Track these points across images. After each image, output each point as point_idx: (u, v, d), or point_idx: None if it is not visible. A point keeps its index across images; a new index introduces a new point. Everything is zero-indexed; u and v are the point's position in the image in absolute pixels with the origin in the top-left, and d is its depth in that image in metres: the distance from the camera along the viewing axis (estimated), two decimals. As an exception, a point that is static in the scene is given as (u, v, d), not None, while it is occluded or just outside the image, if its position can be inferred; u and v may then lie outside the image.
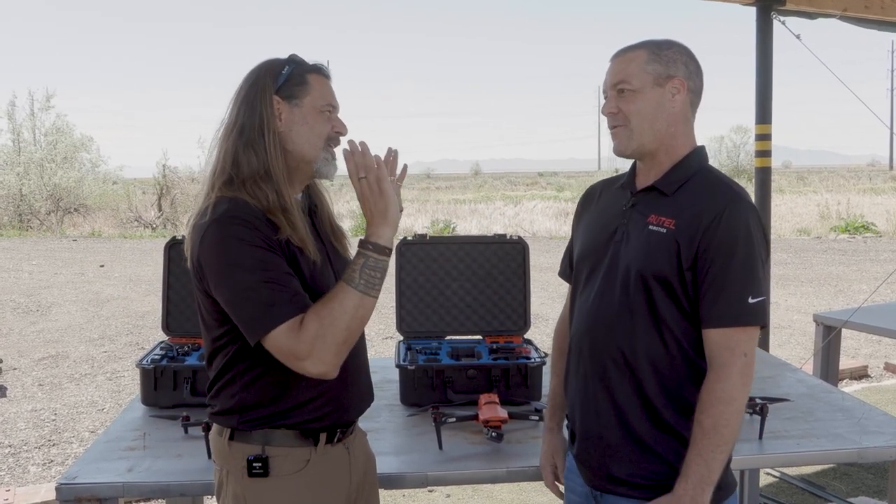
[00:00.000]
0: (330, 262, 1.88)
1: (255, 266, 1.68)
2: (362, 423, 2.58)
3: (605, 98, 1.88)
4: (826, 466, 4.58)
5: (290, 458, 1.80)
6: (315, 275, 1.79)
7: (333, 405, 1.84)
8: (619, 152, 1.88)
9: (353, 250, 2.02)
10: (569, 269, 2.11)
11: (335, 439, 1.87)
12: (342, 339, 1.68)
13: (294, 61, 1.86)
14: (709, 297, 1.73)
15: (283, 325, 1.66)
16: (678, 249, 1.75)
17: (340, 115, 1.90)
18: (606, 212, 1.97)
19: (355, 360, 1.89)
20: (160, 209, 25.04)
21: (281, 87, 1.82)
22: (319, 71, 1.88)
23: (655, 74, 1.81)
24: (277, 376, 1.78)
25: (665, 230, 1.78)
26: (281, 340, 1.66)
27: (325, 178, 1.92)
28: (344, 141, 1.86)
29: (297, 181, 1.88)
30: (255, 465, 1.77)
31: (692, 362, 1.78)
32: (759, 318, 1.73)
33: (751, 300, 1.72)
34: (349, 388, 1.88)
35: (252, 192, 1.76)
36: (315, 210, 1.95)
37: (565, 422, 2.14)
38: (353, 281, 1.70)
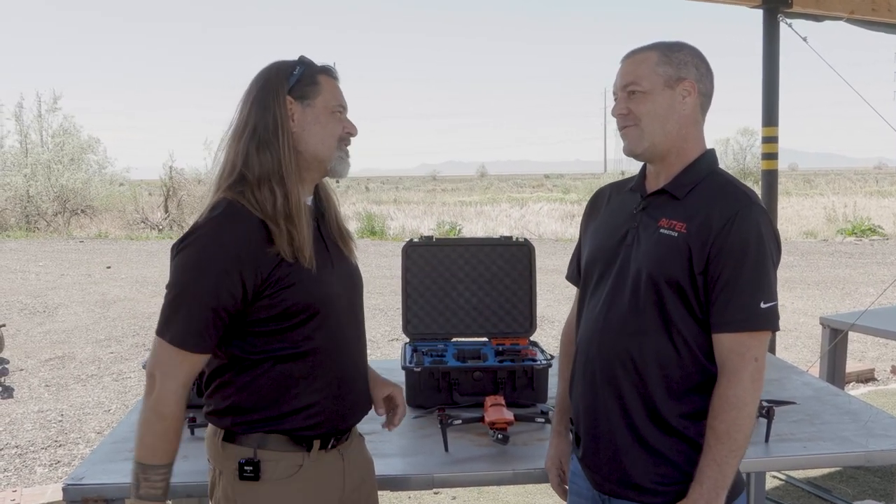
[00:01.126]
0: (332, 266, 1.87)
1: (198, 282, 1.70)
2: (367, 425, 2.58)
3: (616, 99, 1.88)
4: (832, 469, 4.57)
5: (283, 462, 1.79)
6: (310, 283, 1.77)
7: (328, 414, 1.83)
8: (630, 152, 1.87)
9: (359, 252, 2.03)
10: (577, 273, 2.10)
11: (329, 446, 1.86)
12: (143, 422, 1.74)
13: (304, 62, 1.86)
14: (720, 302, 1.72)
15: (176, 351, 1.70)
16: (690, 253, 1.74)
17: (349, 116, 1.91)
18: (616, 215, 1.96)
19: (352, 370, 1.89)
20: (167, 211, 25.10)
21: (293, 87, 1.82)
22: (328, 72, 1.88)
23: (666, 76, 1.80)
24: (273, 382, 1.78)
25: (676, 234, 1.77)
26: (159, 356, 1.72)
27: (339, 176, 1.92)
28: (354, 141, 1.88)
29: (308, 181, 1.88)
30: (246, 468, 1.77)
31: (703, 367, 1.77)
32: (770, 322, 1.73)
33: (763, 305, 1.71)
34: (344, 398, 1.87)
35: (258, 195, 1.75)
36: (323, 213, 1.95)
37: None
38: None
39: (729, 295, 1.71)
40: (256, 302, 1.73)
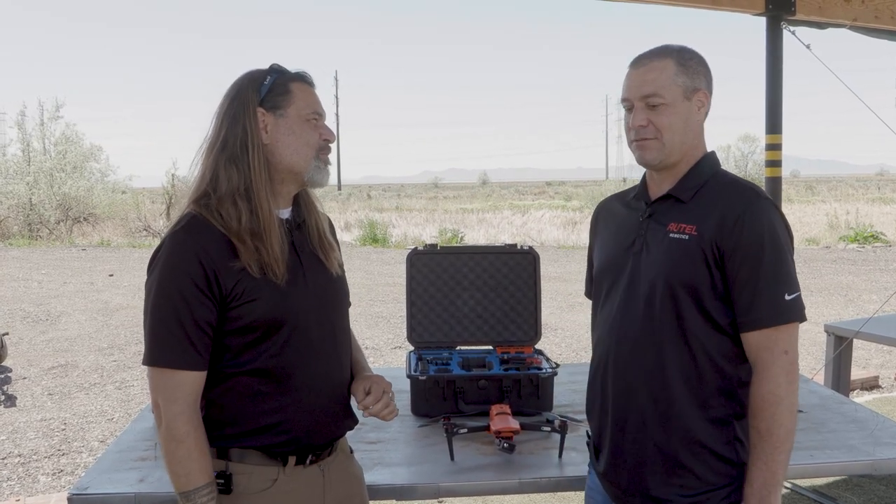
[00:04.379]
0: (305, 279, 1.84)
1: (171, 300, 1.69)
2: (373, 433, 2.58)
3: (628, 108, 1.84)
4: (838, 478, 4.56)
5: (256, 476, 1.78)
6: (275, 297, 1.76)
7: (299, 431, 1.81)
8: (645, 163, 1.85)
9: (349, 261, 1.99)
10: (592, 287, 2.10)
11: (307, 461, 1.84)
12: (165, 453, 1.72)
13: (276, 70, 1.83)
14: (743, 301, 1.72)
15: (171, 373, 1.69)
16: (704, 255, 1.74)
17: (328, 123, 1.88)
18: (622, 225, 1.95)
19: (326, 386, 1.87)
20: (169, 218, 25.11)
21: (264, 98, 1.79)
22: (302, 79, 1.85)
23: (684, 87, 1.79)
24: (241, 397, 1.77)
25: (688, 237, 1.76)
26: (156, 383, 1.71)
27: (318, 186, 1.89)
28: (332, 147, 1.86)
29: (283, 194, 1.85)
30: (218, 481, 1.75)
31: (722, 372, 1.77)
32: (796, 313, 1.73)
33: (787, 297, 1.71)
34: (317, 414, 1.85)
35: (223, 211, 1.74)
36: (303, 223, 1.91)
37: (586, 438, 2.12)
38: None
39: (751, 292, 1.71)
40: (223, 314, 1.73)
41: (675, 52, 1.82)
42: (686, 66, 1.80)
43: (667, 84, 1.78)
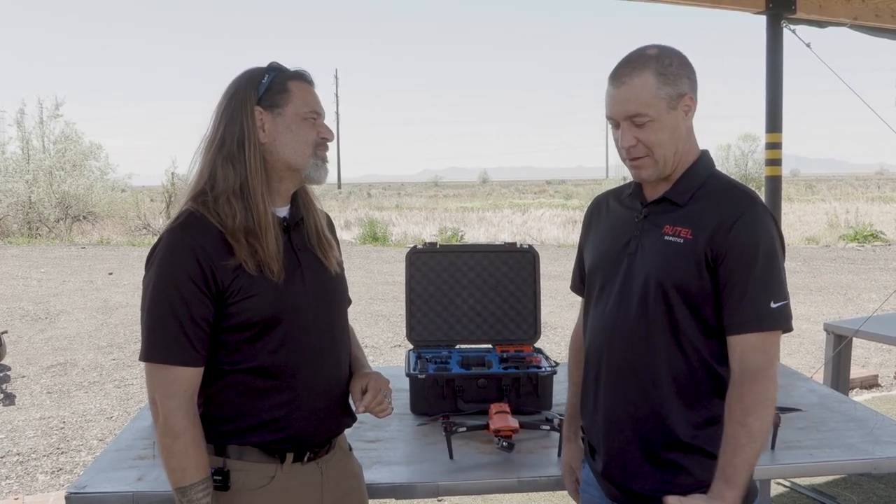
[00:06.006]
0: (303, 277, 1.84)
1: (168, 296, 1.70)
2: (371, 432, 2.57)
3: (614, 126, 1.80)
4: (837, 476, 4.55)
5: (253, 473, 1.78)
6: (272, 295, 1.76)
7: (296, 429, 1.81)
8: (643, 181, 1.84)
9: (348, 259, 1.99)
10: (580, 283, 2.09)
11: (305, 458, 1.84)
12: (161, 448, 1.72)
13: (274, 69, 1.83)
14: (731, 304, 1.72)
15: (167, 369, 1.69)
16: (698, 259, 1.73)
17: (328, 122, 1.88)
18: (617, 223, 1.94)
19: (324, 384, 1.87)
20: (168, 217, 25.08)
21: (262, 96, 1.79)
22: (301, 77, 1.85)
23: (668, 98, 1.73)
24: (239, 394, 1.77)
25: (682, 240, 1.75)
26: (153, 379, 1.71)
27: (316, 183, 1.89)
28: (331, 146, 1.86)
29: (281, 192, 1.86)
30: (215, 478, 1.76)
31: (713, 372, 1.77)
32: (782, 322, 1.72)
33: (773, 305, 1.70)
34: (315, 412, 1.85)
35: (220, 208, 1.75)
36: (301, 221, 1.91)
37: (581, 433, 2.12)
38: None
39: (739, 297, 1.71)
40: (220, 311, 1.73)
41: (652, 62, 1.74)
42: (666, 74, 1.73)
43: (649, 100, 1.72)
